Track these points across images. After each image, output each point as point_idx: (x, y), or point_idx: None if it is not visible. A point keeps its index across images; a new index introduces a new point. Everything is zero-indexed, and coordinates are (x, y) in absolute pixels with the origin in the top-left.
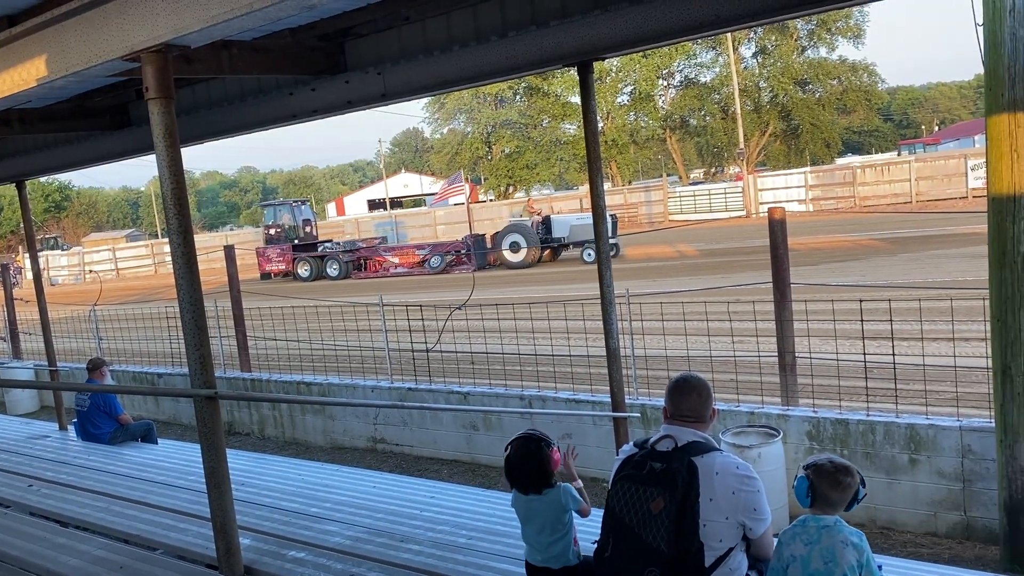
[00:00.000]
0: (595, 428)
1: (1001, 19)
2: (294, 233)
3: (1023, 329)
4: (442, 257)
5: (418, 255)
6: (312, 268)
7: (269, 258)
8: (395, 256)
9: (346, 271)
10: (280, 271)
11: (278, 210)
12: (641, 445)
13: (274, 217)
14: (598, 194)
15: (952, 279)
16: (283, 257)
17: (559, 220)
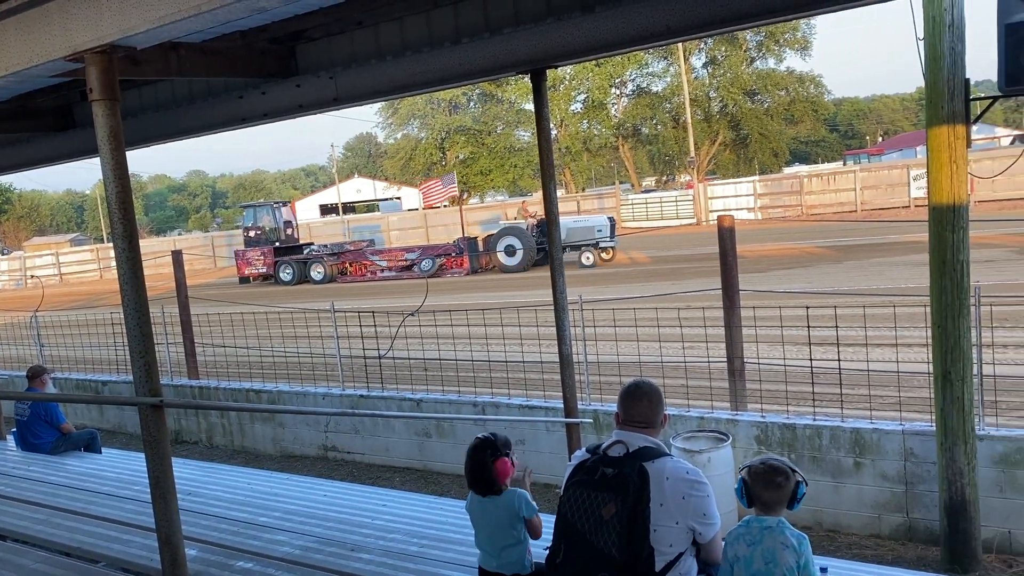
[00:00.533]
0: (548, 434)
1: (940, 34)
2: (275, 235)
3: (962, 336)
4: (433, 260)
5: (406, 258)
6: (294, 271)
7: (249, 261)
8: (383, 259)
9: (331, 275)
10: (260, 274)
11: (258, 211)
12: (593, 451)
13: (254, 219)
14: (551, 201)
15: (895, 286)
16: (264, 260)
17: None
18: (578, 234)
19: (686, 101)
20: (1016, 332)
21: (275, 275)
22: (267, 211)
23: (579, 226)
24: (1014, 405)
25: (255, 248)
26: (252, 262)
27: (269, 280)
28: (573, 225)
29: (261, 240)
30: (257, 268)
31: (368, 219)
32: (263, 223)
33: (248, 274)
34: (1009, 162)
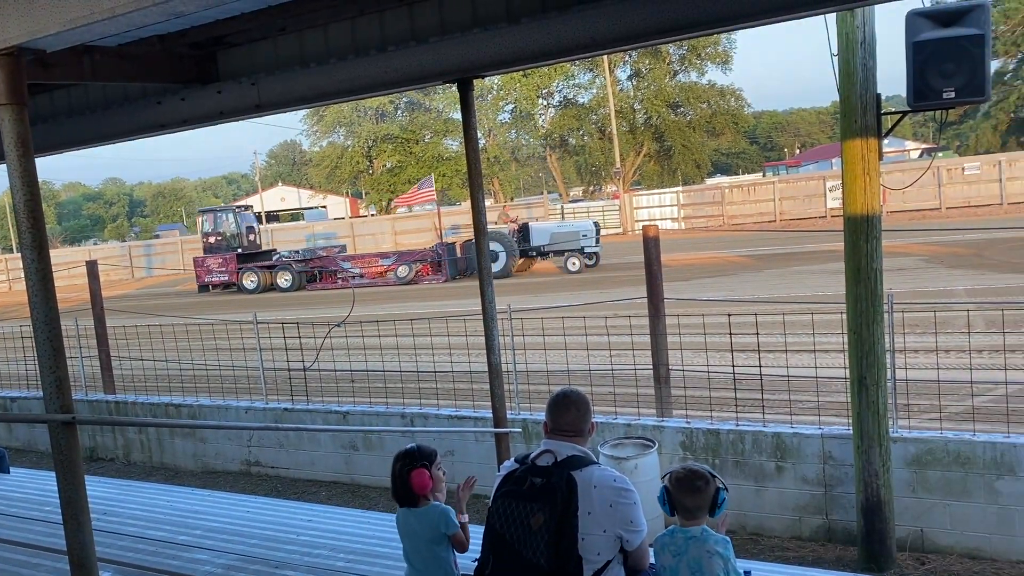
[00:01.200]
0: (478, 444)
1: (853, 51)
2: (236, 241)
3: (877, 342)
4: (410, 266)
5: (382, 264)
6: (259, 279)
7: (209, 268)
8: (356, 266)
9: (299, 282)
10: (222, 283)
11: (219, 216)
12: (522, 461)
13: (214, 224)
14: (479, 210)
15: (813, 294)
16: (226, 267)
17: (538, 228)
18: (562, 239)
19: (611, 113)
20: (926, 338)
21: (238, 283)
22: (228, 216)
23: (564, 231)
24: (925, 408)
25: (216, 255)
26: (213, 270)
27: (231, 288)
28: (557, 230)
29: (222, 247)
30: (218, 276)
31: (291, 228)
32: (224, 228)
33: (208, 283)
34: (918, 174)
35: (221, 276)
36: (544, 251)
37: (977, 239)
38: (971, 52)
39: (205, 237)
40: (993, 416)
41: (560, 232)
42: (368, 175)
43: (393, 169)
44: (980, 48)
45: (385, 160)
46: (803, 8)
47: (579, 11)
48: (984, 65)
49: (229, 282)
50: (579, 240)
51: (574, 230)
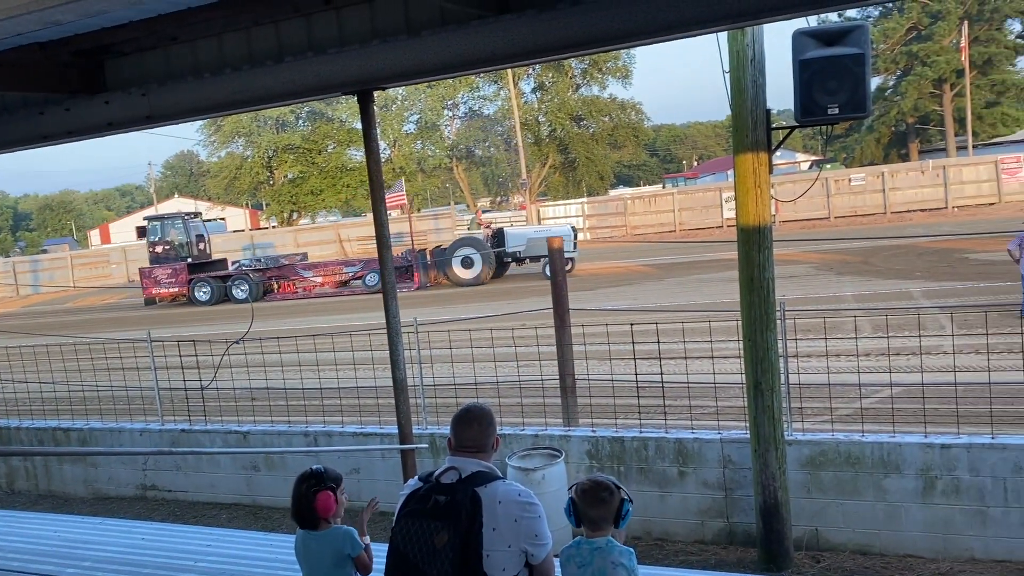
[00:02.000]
0: (384, 461)
1: (744, 68)
2: (186, 251)
3: (771, 348)
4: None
5: (345, 272)
6: (213, 290)
7: (157, 280)
8: (316, 274)
9: (257, 293)
10: (171, 294)
11: (166, 224)
12: (426, 479)
13: (160, 233)
14: (381, 223)
15: (712, 301)
16: (176, 278)
17: (514, 233)
18: (539, 245)
19: (516, 125)
20: (818, 342)
21: (190, 295)
22: (176, 224)
23: (541, 236)
24: (818, 410)
25: (164, 266)
26: (161, 281)
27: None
28: (534, 235)
29: (170, 256)
30: (167, 288)
31: None
32: (171, 237)
33: (156, 295)
34: (808, 185)
35: (170, 288)
36: (520, 257)
37: (863, 247)
38: (853, 70)
39: (151, 246)
40: (881, 417)
41: (537, 238)
42: (269, 186)
43: (295, 180)
44: (861, 67)
45: (286, 171)
46: (695, 27)
47: (478, 26)
48: (865, 82)
49: (180, 293)
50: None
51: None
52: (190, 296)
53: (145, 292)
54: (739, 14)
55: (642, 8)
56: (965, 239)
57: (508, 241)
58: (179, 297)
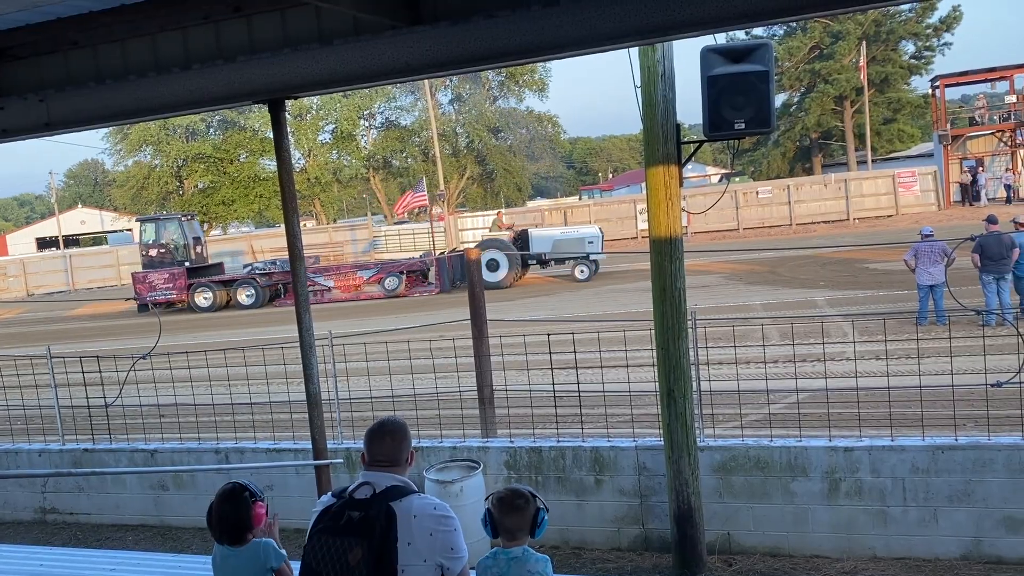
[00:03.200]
0: (299, 478)
1: (655, 83)
2: (183, 254)
3: (683, 356)
4: (399, 277)
5: (360, 277)
6: (215, 296)
7: (153, 285)
8: (328, 278)
9: (263, 298)
10: (167, 301)
11: (161, 226)
12: (339, 495)
13: (155, 234)
14: (293, 234)
15: (627, 311)
16: (174, 283)
17: (540, 234)
18: (566, 246)
19: (434, 136)
20: (728, 350)
21: (190, 301)
22: (173, 225)
23: (567, 238)
24: (729, 416)
25: (160, 270)
26: (157, 287)
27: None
28: (561, 237)
29: (166, 260)
30: (164, 294)
31: (94, 252)
32: (167, 240)
33: (149, 301)
34: (717, 198)
35: (167, 294)
36: (545, 259)
37: (770, 257)
38: (758, 87)
39: (145, 249)
40: (788, 422)
41: (564, 239)
42: (178, 196)
43: (206, 190)
44: (765, 83)
45: (197, 180)
46: (606, 42)
47: (391, 37)
48: (769, 99)
49: (176, 300)
50: (584, 247)
51: (579, 236)
52: (190, 302)
53: (138, 298)
54: (648, 31)
55: (554, 23)
56: (865, 250)
57: (533, 244)
58: (178, 303)
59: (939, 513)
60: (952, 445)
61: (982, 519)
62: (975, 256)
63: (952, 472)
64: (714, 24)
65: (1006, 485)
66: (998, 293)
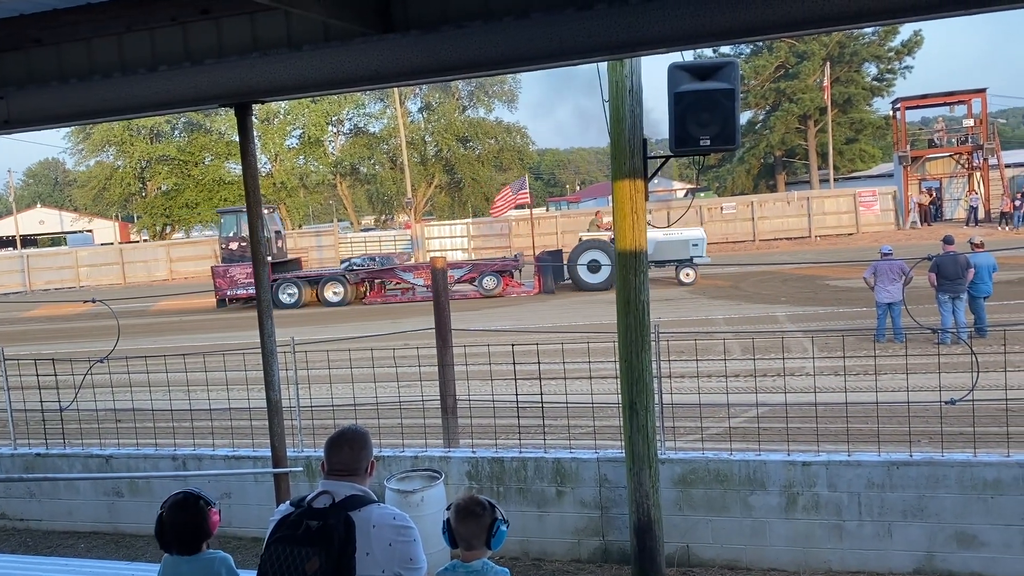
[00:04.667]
0: (257, 486)
1: (623, 98)
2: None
3: (646, 368)
4: (497, 277)
5: (451, 275)
6: (300, 292)
7: (234, 279)
8: (417, 276)
9: (351, 295)
10: (248, 296)
11: (242, 218)
12: (297, 504)
13: (236, 227)
14: (257, 239)
15: (591, 323)
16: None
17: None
18: (669, 249)
19: (402, 144)
20: (690, 363)
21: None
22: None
23: (671, 240)
24: (690, 429)
25: (242, 264)
26: (238, 281)
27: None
28: (664, 239)
29: (247, 254)
30: (246, 288)
31: (53, 253)
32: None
33: (229, 296)
34: (682, 212)
35: (250, 288)
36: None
37: (734, 272)
38: (723, 104)
39: (225, 243)
40: (748, 435)
41: (667, 242)
42: (141, 198)
43: (169, 192)
44: (731, 101)
45: (160, 182)
46: (575, 56)
47: (362, 44)
48: (734, 116)
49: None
50: (688, 250)
51: (683, 239)
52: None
53: (218, 292)
54: (617, 46)
55: (525, 36)
56: (826, 267)
57: None
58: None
59: (893, 528)
60: (907, 461)
61: (935, 534)
62: (932, 276)
63: (906, 488)
64: (681, 42)
65: (958, 501)
66: (953, 312)
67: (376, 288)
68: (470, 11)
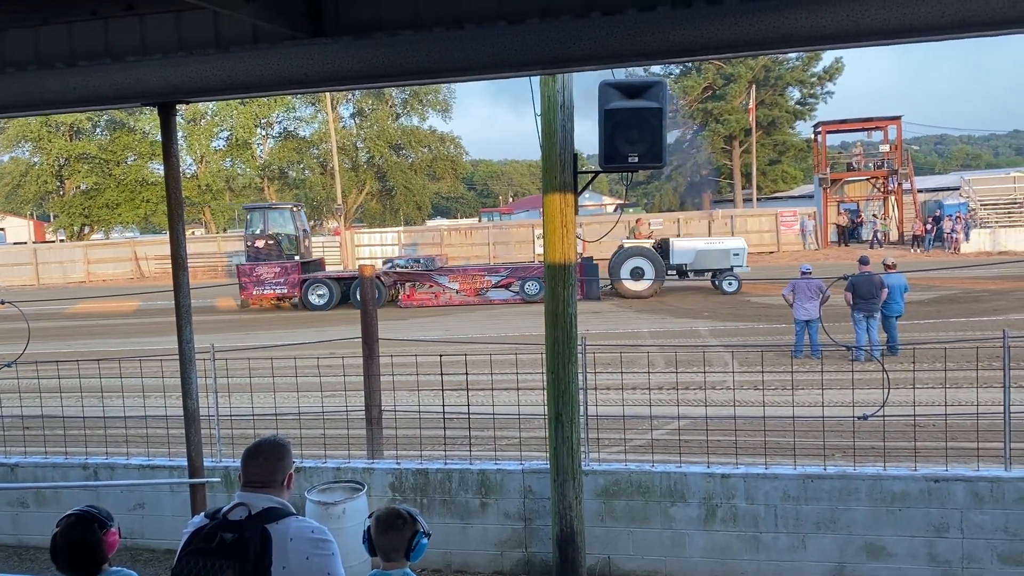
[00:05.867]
0: (173, 496)
1: (554, 112)
2: (294, 247)
3: (572, 381)
4: (539, 282)
5: (488, 280)
6: (332, 293)
7: (260, 279)
8: (453, 280)
9: (385, 297)
10: (276, 296)
11: (270, 215)
12: (212, 516)
13: (263, 224)
14: (179, 243)
15: (521, 334)
16: (287, 277)
17: (682, 244)
18: (710, 259)
19: (334, 149)
20: (616, 376)
21: (301, 297)
22: (284, 215)
23: (712, 249)
24: (614, 441)
25: (270, 263)
26: (265, 281)
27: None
28: (705, 248)
29: (273, 253)
30: (274, 288)
31: None
32: (276, 230)
33: (256, 297)
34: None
35: (278, 288)
36: (686, 270)
37: (666, 287)
38: (651, 123)
39: (251, 240)
40: (670, 447)
41: (708, 250)
42: (58, 196)
43: (89, 191)
44: (658, 120)
45: (79, 181)
46: (507, 69)
47: (291, 47)
48: (661, 135)
49: (286, 296)
50: (729, 260)
51: (724, 248)
52: (303, 299)
53: (244, 293)
54: (548, 61)
55: (458, 47)
56: (747, 283)
57: (673, 254)
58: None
59: (807, 539)
60: (821, 474)
61: (846, 546)
62: (847, 294)
63: (820, 500)
64: (611, 60)
65: (868, 513)
66: (867, 330)
67: (409, 291)
68: (403, 20)
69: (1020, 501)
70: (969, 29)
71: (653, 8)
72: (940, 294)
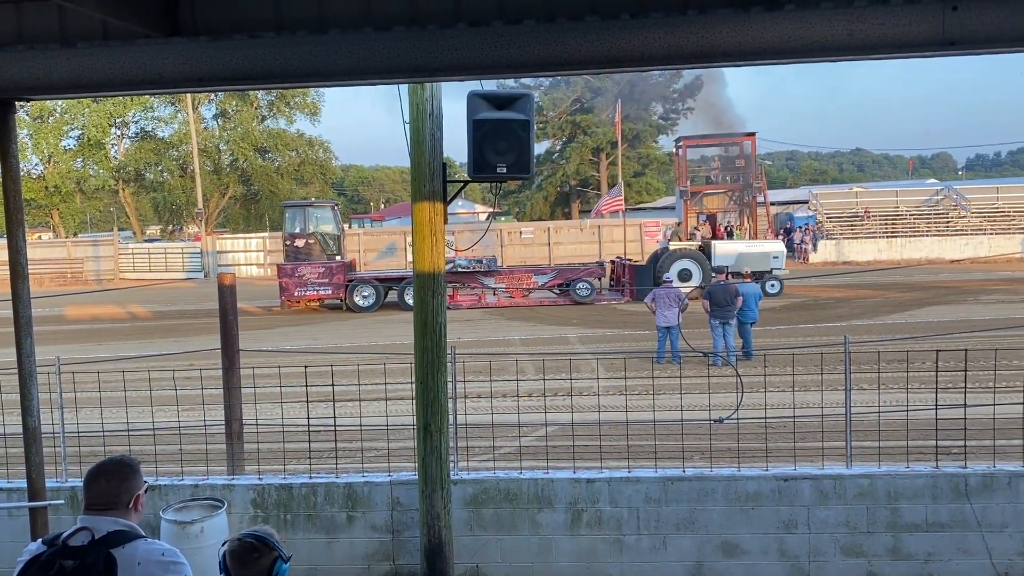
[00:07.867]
0: (12, 520)
1: (423, 121)
2: (335, 246)
3: (441, 390)
4: (590, 284)
5: (535, 281)
6: (377, 295)
7: (302, 279)
8: (498, 282)
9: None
10: (318, 297)
11: (309, 213)
12: (51, 542)
13: (303, 223)
14: (18, 249)
15: (391, 343)
16: (331, 278)
17: (724, 247)
18: (751, 261)
19: (194, 151)
20: (485, 384)
21: (345, 299)
22: (326, 213)
23: (753, 251)
24: (483, 449)
25: (312, 263)
26: (308, 281)
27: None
28: (746, 250)
29: (313, 253)
30: (317, 289)
31: None
32: (319, 230)
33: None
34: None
35: (322, 289)
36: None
37: None
38: (519, 134)
39: (290, 239)
40: (538, 454)
41: (749, 253)
42: None
43: None
44: (526, 132)
45: None
46: (373, 75)
47: (145, 46)
48: (529, 147)
49: (330, 297)
50: (769, 263)
51: (764, 251)
52: (347, 301)
53: (285, 293)
54: (414, 69)
55: (323, 51)
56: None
57: (715, 257)
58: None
59: (668, 540)
60: (680, 476)
61: (704, 545)
62: (705, 303)
63: (680, 501)
64: (478, 71)
65: (724, 512)
66: (724, 336)
67: (453, 292)
68: (264, 22)
69: (860, 496)
70: (811, 54)
71: (519, 22)
72: (790, 301)
